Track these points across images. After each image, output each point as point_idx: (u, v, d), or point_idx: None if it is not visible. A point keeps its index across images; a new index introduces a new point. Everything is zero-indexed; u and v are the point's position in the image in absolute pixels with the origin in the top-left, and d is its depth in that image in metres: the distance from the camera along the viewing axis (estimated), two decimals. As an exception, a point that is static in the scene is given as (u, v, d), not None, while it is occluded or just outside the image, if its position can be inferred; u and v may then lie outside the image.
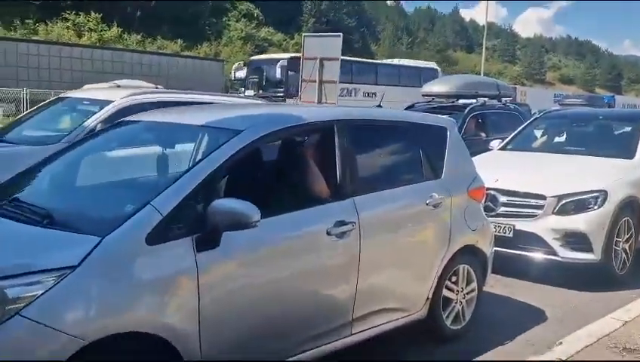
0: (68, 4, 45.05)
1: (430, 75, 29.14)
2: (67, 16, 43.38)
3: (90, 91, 6.22)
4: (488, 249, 4.31)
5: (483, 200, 4.44)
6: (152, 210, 2.46)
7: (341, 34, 11.35)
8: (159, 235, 2.44)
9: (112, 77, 18.24)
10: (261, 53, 40.80)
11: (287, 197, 3.13)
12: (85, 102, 5.72)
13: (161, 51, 38.99)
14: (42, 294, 2.14)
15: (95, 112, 5.33)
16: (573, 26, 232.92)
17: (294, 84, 21.42)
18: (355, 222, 3.21)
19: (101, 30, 43.69)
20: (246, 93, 22.39)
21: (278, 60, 23.95)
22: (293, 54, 25.59)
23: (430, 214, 3.80)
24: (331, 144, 3.29)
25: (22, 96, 20.57)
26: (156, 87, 8.99)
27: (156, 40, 47.96)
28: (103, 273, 2.28)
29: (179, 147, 3.45)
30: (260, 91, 22.93)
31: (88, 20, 43.62)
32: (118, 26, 44.63)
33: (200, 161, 2.74)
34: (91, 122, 5.14)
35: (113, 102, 5.43)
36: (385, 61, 30.84)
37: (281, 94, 21.76)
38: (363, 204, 3.31)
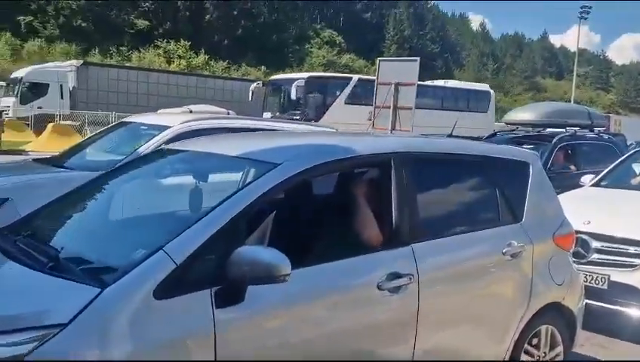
0: (160, 32, 47.63)
1: (482, 99, 27.87)
2: (159, 43, 45.69)
3: (152, 116, 6.10)
4: (577, 305, 3.64)
5: (572, 248, 3.78)
6: (165, 257, 2.08)
7: (418, 58, 10.86)
8: (171, 288, 2.04)
9: (196, 102, 18.77)
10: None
11: (329, 243, 2.68)
12: (144, 127, 5.57)
13: (244, 77, 39.97)
14: (25, 357, 1.81)
15: (153, 137, 5.15)
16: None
17: (314, 106, 21.07)
18: (412, 275, 2.70)
19: (189, 57, 45.62)
20: (263, 115, 20.83)
21: (294, 80, 21.62)
22: (313, 73, 24.55)
23: (507, 265, 3.21)
24: (387, 181, 2.82)
25: (109, 120, 21.51)
26: (228, 113, 8.91)
27: (241, 67, 49.46)
28: (99, 333, 1.91)
29: (211, 180, 3.10)
30: (278, 114, 21.36)
31: (178, 48, 45.72)
32: (205, 53, 46.41)
33: (227, 199, 2.32)
34: (147, 148, 4.94)
35: (171, 127, 5.24)
36: (427, 82, 27.63)
37: (297, 117, 19.17)
38: (424, 253, 2.79)
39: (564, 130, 9.30)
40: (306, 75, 23.19)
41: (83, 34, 42.65)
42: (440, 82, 30.44)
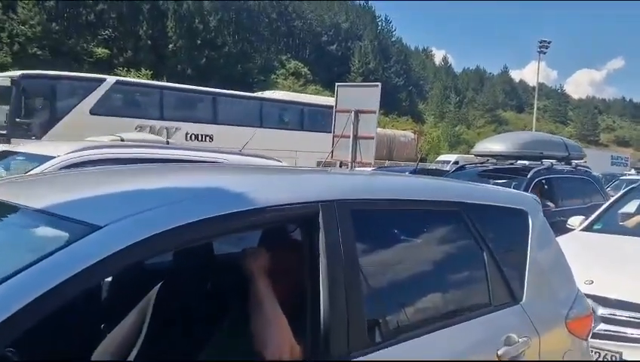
0: (120, 61, 46.22)
1: (316, 116, 19.98)
2: (118, 72, 44.27)
3: (37, 145, 4.86)
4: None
5: (589, 334, 2.66)
6: None
7: (379, 83, 9.87)
8: None
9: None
10: None
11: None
12: (20, 158, 4.34)
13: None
14: None
15: (31, 170, 3.93)
16: (626, 87, 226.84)
17: (33, 114, 14.31)
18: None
19: (149, 86, 44.19)
20: None
21: None
22: (31, 71, 15.85)
23: (504, 374, 2.07)
24: (310, 250, 1.69)
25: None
26: (167, 142, 7.74)
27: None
28: None
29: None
30: None
31: (138, 76, 44.32)
32: (167, 82, 45.12)
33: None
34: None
35: (55, 157, 4.02)
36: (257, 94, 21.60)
37: (3, 131, 13.43)
38: None
39: (539, 162, 8.43)
40: (19, 72, 15.30)
41: (40, 62, 40.73)
42: (269, 93, 22.77)
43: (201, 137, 17.17)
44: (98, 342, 2.24)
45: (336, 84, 10.09)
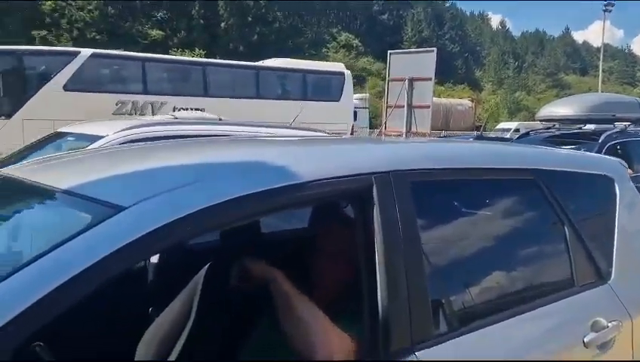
0: (175, 42, 46.96)
1: (331, 83, 18.41)
2: (173, 53, 44.94)
3: (87, 125, 4.82)
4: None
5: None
6: None
7: (435, 49, 9.45)
8: None
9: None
10: (359, 83, 38.05)
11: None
12: (71, 138, 4.32)
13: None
14: None
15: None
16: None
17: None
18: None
19: (204, 65, 44.73)
20: None
21: None
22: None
23: (591, 363, 1.82)
24: (363, 230, 1.48)
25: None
26: (219, 119, 7.73)
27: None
28: None
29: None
30: None
31: (193, 56, 44.89)
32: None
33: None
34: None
35: (105, 137, 3.97)
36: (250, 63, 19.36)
37: None
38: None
39: (611, 125, 7.85)
40: None
41: (98, 46, 41.86)
42: (270, 61, 20.01)
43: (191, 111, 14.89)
44: (146, 326, 2.13)
45: (389, 51, 9.74)
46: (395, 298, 1.45)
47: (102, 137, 3.98)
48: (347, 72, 18.81)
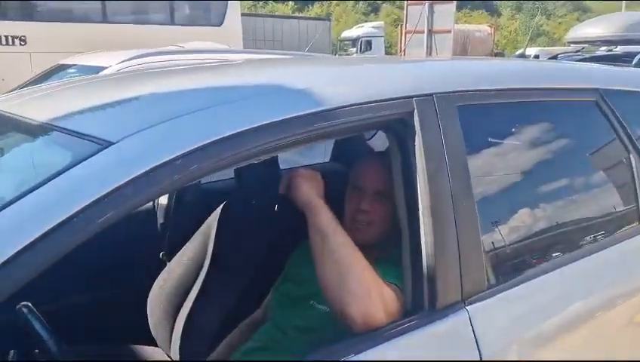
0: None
1: (211, 6, 13.49)
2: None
3: (89, 56, 4.56)
4: None
5: None
6: None
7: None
8: None
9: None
10: (374, 11, 36.48)
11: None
12: (72, 70, 4.10)
13: (269, 14, 37.42)
14: None
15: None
16: None
17: None
18: None
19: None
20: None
21: None
22: None
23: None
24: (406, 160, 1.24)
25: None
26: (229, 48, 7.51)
27: (267, 4, 47.07)
28: None
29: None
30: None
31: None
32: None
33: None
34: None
35: (107, 67, 3.72)
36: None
37: None
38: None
39: None
40: None
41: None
42: None
43: (9, 40, 10.81)
44: (158, 272, 1.94)
45: (408, -27, 9.16)
46: (441, 243, 1.22)
47: (105, 68, 3.73)
48: None
